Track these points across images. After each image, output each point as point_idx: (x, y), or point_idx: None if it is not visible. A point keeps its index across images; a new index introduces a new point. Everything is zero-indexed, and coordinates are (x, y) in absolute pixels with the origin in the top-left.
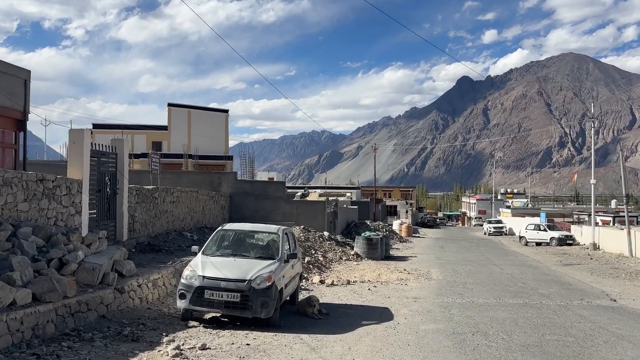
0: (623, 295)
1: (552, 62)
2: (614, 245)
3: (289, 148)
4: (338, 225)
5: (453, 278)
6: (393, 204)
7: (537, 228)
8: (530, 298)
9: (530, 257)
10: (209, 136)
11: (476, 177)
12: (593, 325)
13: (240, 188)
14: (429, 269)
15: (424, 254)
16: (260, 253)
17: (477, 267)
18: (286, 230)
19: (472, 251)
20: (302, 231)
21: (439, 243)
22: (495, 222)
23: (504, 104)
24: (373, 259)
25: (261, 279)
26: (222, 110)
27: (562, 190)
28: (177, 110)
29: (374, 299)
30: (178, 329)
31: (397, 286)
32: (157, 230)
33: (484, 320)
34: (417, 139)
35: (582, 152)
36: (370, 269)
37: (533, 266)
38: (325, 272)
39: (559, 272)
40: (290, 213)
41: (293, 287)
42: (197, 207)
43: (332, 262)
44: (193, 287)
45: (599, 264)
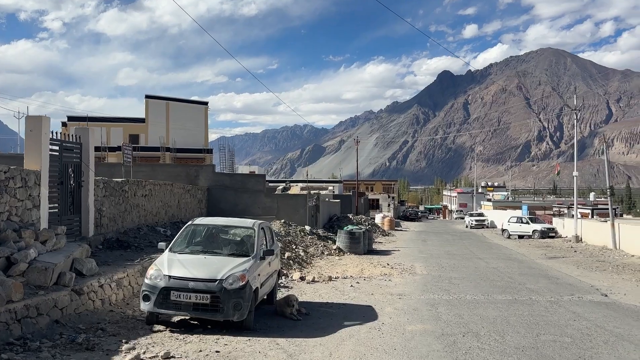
0: (613, 290)
1: (531, 57)
2: (596, 238)
3: (271, 142)
4: (320, 219)
5: (438, 273)
6: (375, 198)
7: (519, 221)
8: (519, 294)
9: (514, 251)
10: (188, 129)
11: (457, 170)
12: (589, 324)
13: (219, 181)
14: (412, 263)
15: (407, 248)
16: (233, 250)
17: (461, 260)
18: (262, 225)
19: (455, 244)
20: (283, 225)
21: (422, 236)
22: (477, 215)
23: (484, 98)
24: (356, 253)
25: (234, 279)
26: (202, 102)
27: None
28: (155, 102)
29: (356, 297)
30: (141, 334)
31: (381, 282)
32: (128, 226)
33: (473, 319)
34: (399, 133)
35: (560, 145)
36: (352, 263)
37: (518, 260)
38: (306, 267)
39: (544, 265)
40: (270, 207)
41: (270, 285)
42: (171, 201)
43: (314, 257)
44: (158, 288)
45: (584, 257)
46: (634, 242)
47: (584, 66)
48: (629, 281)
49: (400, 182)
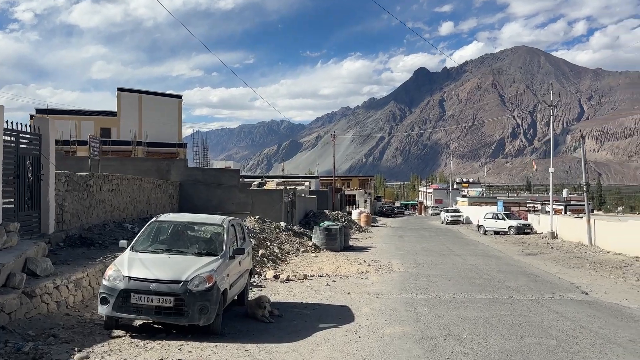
0: (593, 288)
1: (506, 55)
2: (572, 234)
3: (248, 137)
4: (296, 215)
5: (415, 270)
6: (352, 194)
7: (495, 217)
8: (499, 292)
9: (491, 247)
10: (161, 123)
11: (432, 166)
12: (573, 325)
13: (191, 176)
14: (390, 260)
15: (384, 244)
16: (200, 249)
17: (439, 257)
18: (233, 222)
19: (432, 240)
20: (257, 222)
21: (398, 232)
22: (453, 211)
23: (460, 95)
24: (332, 250)
25: (200, 280)
26: (175, 95)
27: (514, 179)
28: (128, 95)
29: (332, 296)
30: (98, 341)
31: (358, 280)
32: (93, 222)
33: (454, 320)
34: (375, 129)
35: (534, 142)
36: (329, 261)
37: (495, 256)
38: (280, 265)
39: (522, 262)
40: (245, 202)
41: (241, 286)
42: (141, 197)
43: (289, 254)
44: (117, 290)
45: (561, 253)
46: (609, 238)
47: (557, 64)
48: (607, 278)
49: (377, 178)
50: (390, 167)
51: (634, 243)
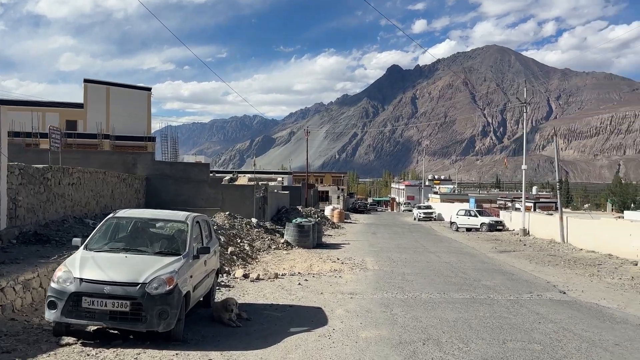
0: (570, 287)
1: (477, 54)
2: (544, 231)
3: (220, 132)
4: (268, 211)
5: (390, 268)
6: (325, 190)
7: (467, 214)
8: (477, 292)
9: (464, 244)
10: (130, 115)
11: (404, 163)
12: (555, 327)
13: (159, 170)
14: (363, 258)
15: (357, 241)
16: (161, 247)
17: (413, 254)
18: (198, 218)
19: (405, 237)
20: (227, 218)
21: (371, 229)
22: (425, 208)
23: (432, 93)
24: (304, 247)
25: (159, 282)
26: (144, 88)
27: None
28: (95, 87)
29: (304, 297)
30: (44, 350)
31: (331, 279)
32: (50, 217)
33: (432, 322)
34: (349, 125)
35: (503, 141)
36: (301, 258)
37: (470, 254)
38: (251, 263)
39: (496, 260)
40: (215, 198)
41: (206, 287)
42: (104, 191)
43: (260, 251)
44: (66, 294)
45: (534, 251)
46: (581, 235)
47: (526, 64)
48: (583, 276)
49: (350, 175)
50: (363, 163)
51: (606, 241)
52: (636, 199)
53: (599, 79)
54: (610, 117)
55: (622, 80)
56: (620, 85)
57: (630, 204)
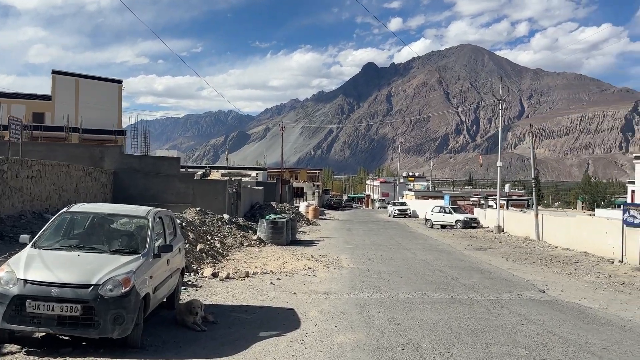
0: (549, 285)
1: (451, 53)
2: (519, 229)
3: (194, 127)
4: (241, 207)
5: (365, 266)
6: (300, 186)
7: (442, 211)
8: (455, 291)
9: (439, 241)
10: (100, 108)
11: (379, 160)
12: (539, 329)
13: (127, 164)
14: (338, 255)
15: (332, 238)
16: (119, 245)
17: (388, 252)
18: (161, 214)
19: (380, 234)
20: (198, 214)
21: (346, 225)
22: (400, 205)
23: (406, 91)
24: (278, 244)
25: (114, 284)
26: (115, 80)
27: (457, 174)
28: (63, 78)
29: (276, 297)
30: None
31: (305, 278)
32: (7, 212)
33: (411, 325)
34: (324, 122)
35: (476, 139)
36: (274, 256)
37: (446, 251)
38: (221, 261)
39: (473, 257)
40: (185, 193)
41: (170, 287)
42: (67, 185)
43: (232, 249)
44: (8, 297)
45: (510, 248)
46: (556, 233)
47: (500, 63)
48: (560, 274)
49: (325, 171)
50: (339, 160)
51: (582, 239)
52: (606, 197)
53: (569, 79)
54: (579, 117)
55: (592, 81)
56: (589, 85)
57: (600, 201)
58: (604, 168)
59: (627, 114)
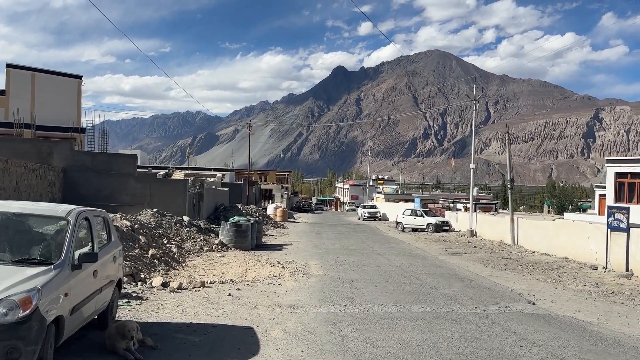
0: (536, 295)
1: (420, 58)
2: (492, 232)
3: (161, 128)
4: (204, 209)
5: (336, 273)
6: (268, 188)
7: (413, 214)
8: (437, 302)
9: (412, 245)
10: (58, 104)
11: (349, 164)
12: (543, 353)
13: (78, 161)
14: (307, 261)
15: (301, 241)
16: (24, 254)
17: (360, 257)
18: (88, 215)
19: (351, 237)
20: (154, 215)
21: (315, 228)
22: (370, 207)
23: (376, 95)
24: (242, 248)
25: (9, 305)
26: (74, 75)
27: (424, 178)
28: (18, 72)
29: (234, 312)
30: None
31: (269, 287)
32: None
33: (392, 348)
34: (294, 125)
35: (444, 143)
36: (236, 262)
37: (420, 256)
38: (176, 268)
39: (449, 263)
40: (142, 194)
41: (99, 304)
42: (5, 183)
43: (190, 254)
44: None
45: (486, 254)
46: (533, 237)
47: (467, 69)
48: (545, 282)
49: (294, 174)
50: (308, 163)
51: (561, 243)
52: (574, 201)
53: (534, 86)
54: (544, 123)
55: (555, 88)
56: (553, 92)
57: (568, 205)
58: (567, 173)
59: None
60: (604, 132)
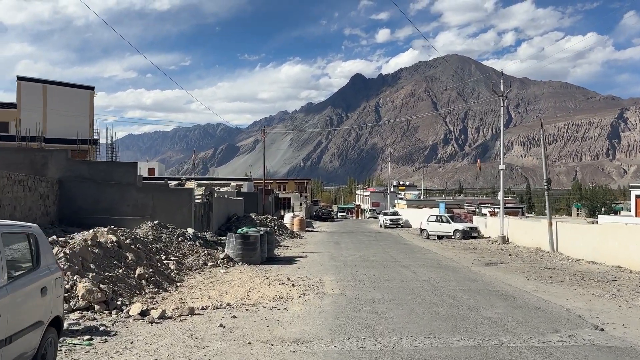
0: (600, 317)
1: (439, 63)
2: (526, 238)
3: (183, 141)
4: (214, 219)
5: (354, 291)
6: (287, 197)
7: (439, 220)
8: (480, 331)
9: (440, 255)
10: (69, 116)
11: (369, 171)
12: None
13: (75, 171)
14: (321, 277)
15: (317, 253)
16: None
17: (383, 270)
18: (3, 230)
19: (372, 247)
20: (154, 228)
21: (334, 238)
22: (391, 214)
23: (394, 102)
24: (250, 263)
25: None
26: (86, 87)
27: (446, 184)
28: (30, 85)
29: (220, 352)
30: None
31: (272, 313)
32: None
33: None
34: (313, 134)
35: (465, 148)
36: (241, 279)
37: (450, 267)
38: (168, 289)
39: (485, 275)
40: (144, 204)
41: (22, 350)
42: None
43: (191, 270)
44: None
45: (525, 263)
46: (575, 243)
47: (486, 73)
48: (603, 298)
49: (314, 182)
50: (329, 171)
51: (611, 250)
52: (606, 202)
53: (555, 87)
54: (566, 125)
55: (577, 90)
56: (575, 94)
57: (600, 208)
58: (592, 175)
59: (612, 121)
60: (629, 132)
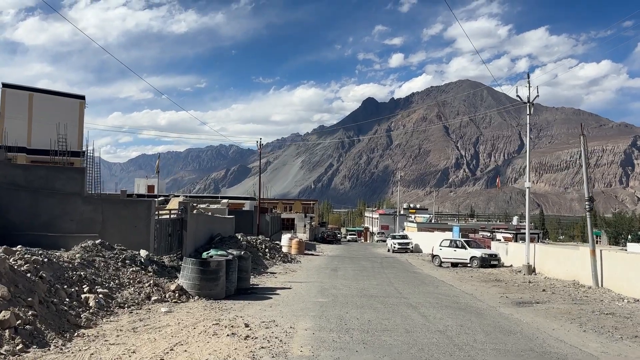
0: None
1: (451, 88)
2: (559, 269)
3: (195, 161)
4: (188, 239)
5: (334, 353)
6: (290, 217)
7: (453, 245)
8: None
9: (456, 288)
10: (57, 126)
11: (379, 194)
12: None
13: (7, 177)
14: (294, 322)
15: (306, 282)
16: None
17: (382, 312)
18: None
19: (374, 276)
20: (90, 249)
21: (334, 263)
22: (400, 238)
23: (406, 126)
24: (210, 296)
25: None
26: (76, 95)
27: (457, 209)
28: (15, 92)
29: None
30: None
31: None
32: None
33: None
34: (325, 156)
35: (476, 173)
36: (179, 325)
37: (472, 308)
38: (47, 345)
39: (523, 323)
40: (92, 219)
41: None
42: None
43: (124, 307)
44: None
45: (567, 303)
46: (625, 277)
47: (498, 98)
48: None
49: (324, 204)
50: (340, 193)
51: None
52: (632, 230)
53: (567, 114)
54: (579, 152)
55: (590, 116)
56: (588, 120)
57: (626, 235)
58: (605, 202)
59: (626, 148)
60: None
